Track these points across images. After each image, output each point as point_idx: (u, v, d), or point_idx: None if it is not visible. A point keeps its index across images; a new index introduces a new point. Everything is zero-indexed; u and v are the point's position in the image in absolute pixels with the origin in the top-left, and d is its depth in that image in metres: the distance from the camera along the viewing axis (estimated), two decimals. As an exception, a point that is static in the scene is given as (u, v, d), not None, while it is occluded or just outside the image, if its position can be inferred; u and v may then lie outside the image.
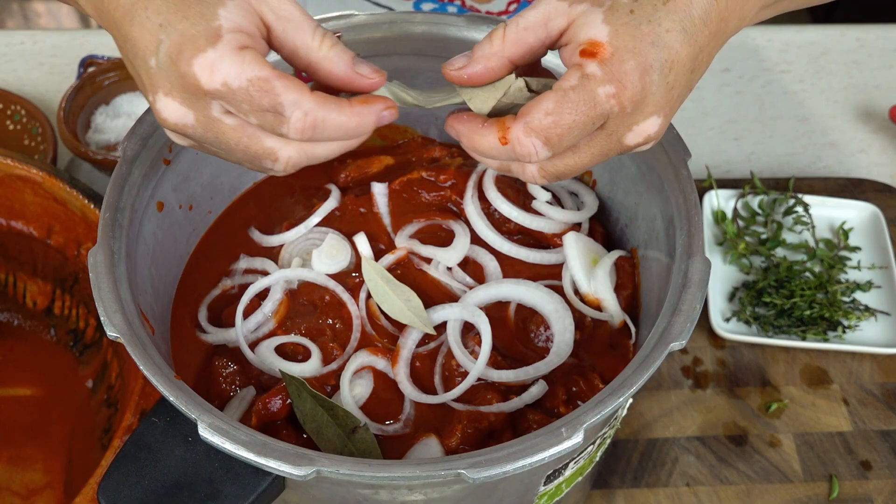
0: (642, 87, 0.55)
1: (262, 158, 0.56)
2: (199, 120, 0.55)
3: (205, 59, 0.53)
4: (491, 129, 0.58)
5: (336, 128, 0.56)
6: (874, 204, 1.11)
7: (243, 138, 0.55)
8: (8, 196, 0.89)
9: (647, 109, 0.56)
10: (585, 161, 0.59)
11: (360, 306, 0.75)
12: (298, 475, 0.56)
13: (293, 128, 0.55)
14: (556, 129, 0.55)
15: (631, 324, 0.76)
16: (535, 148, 0.56)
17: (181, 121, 0.55)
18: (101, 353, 0.93)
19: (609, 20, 0.55)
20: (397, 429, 0.70)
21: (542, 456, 0.57)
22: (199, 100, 0.54)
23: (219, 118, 0.55)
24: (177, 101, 0.54)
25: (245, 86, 0.53)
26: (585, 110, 0.55)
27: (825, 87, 1.31)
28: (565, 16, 0.57)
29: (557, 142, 0.56)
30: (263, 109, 0.54)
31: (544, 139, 0.56)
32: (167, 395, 0.60)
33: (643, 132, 0.57)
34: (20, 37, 1.31)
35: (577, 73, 0.55)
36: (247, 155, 0.56)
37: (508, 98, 0.60)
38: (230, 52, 0.53)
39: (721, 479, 0.93)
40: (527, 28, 0.58)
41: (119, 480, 0.60)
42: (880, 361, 1.02)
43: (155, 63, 0.54)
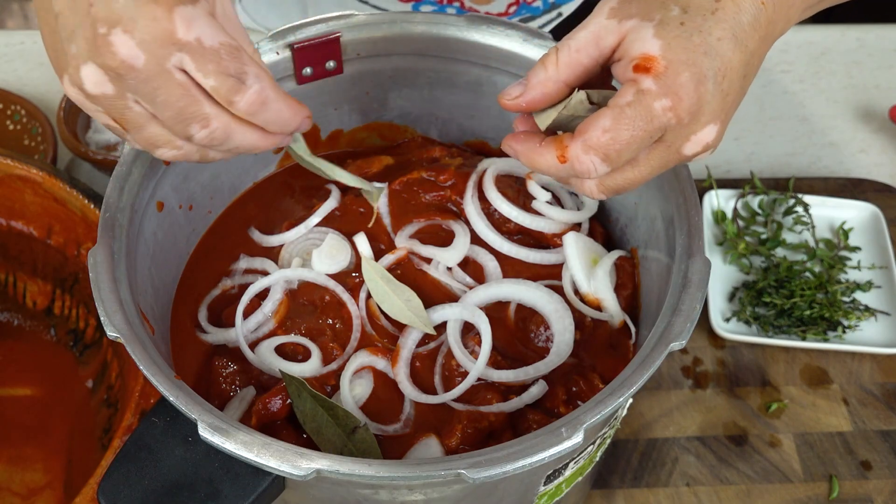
0: (698, 98, 0.55)
1: (192, 122, 0.56)
2: (148, 65, 0.54)
3: (185, 11, 0.53)
4: (549, 148, 0.59)
5: (276, 112, 0.58)
6: (874, 204, 1.11)
7: (185, 97, 0.55)
8: (8, 196, 0.89)
9: (704, 119, 0.56)
10: (645, 174, 0.59)
11: (360, 306, 0.75)
12: (298, 475, 0.56)
13: (247, 98, 0.56)
14: (614, 145, 0.56)
15: (631, 324, 0.76)
16: (594, 165, 0.57)
17: (130, 60, 0.54)
18: (101, 353, 0.93)
19: (660, 34, 0.55)
20: (397, 429, 0.70)
21: (542, 456, 0.57)
22: (161, 47, 0.54)
23: (170, 70, 0.54)
24: (134, 40, 0.53)
25: (217, 47, 0.54)
26: (643, 125, 0.55)
27: (825, 87, 1.31)
28: (616, 33, 0.57)
29: (616, 157, 0.56)
30: (227, 73, 0.55)
31: (603, 156, 0.56)
32: (167, 395, 0.60)
33: (701, 141, 0.58)
34: (20, 37, 1.31)
35: (633, 88, 0.55)
36: (180, 114, 0.56)
37: (569, 111, 0.60)
38: (206, 15, 0.55)
39: (721, 479, 0.93)
40: (578, 50, 0.58)
41: (119, 480, 0.60)
42: (880, 361, 1.02)
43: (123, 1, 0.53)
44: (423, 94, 0.86)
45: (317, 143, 0.88)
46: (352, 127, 0.89)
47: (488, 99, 0.85)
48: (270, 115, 0.58)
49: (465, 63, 0.82)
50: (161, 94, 0.55)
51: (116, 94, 0.56)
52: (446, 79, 0.84)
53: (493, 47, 0.80)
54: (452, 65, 0.83)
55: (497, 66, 0.81)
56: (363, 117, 0.88)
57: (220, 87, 0.55)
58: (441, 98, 0.86)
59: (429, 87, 0.85)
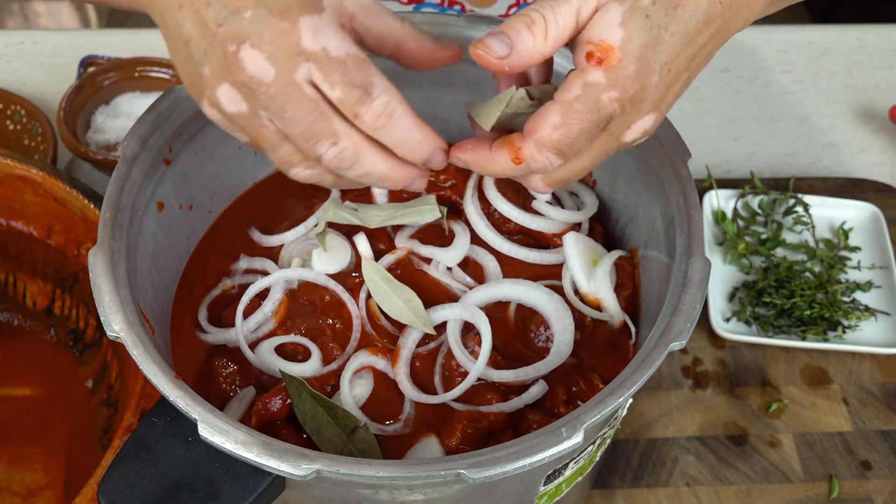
0: (641, 89, 0.56)
1: (322, 138, 0.56)
2: (277, 79, 0.54)
3: (311, 21, 0.53)
4: (501, 152, 0.60)
5: (405, 131, 0.57)
6: (874, 204, 1.11)
7: (314, 112, 0.55)
8: (8, 196, 0.89)
9: (645, 108, 0.58)
10: (587, 163, 0.60)
11: (360, 306, 0.75)
12: (298, 475, 0.56)
13: (373, 110, 0.55)
14: (566, 140, 0.57)
15: (631, 324, 0.76)
16: (549, 160, 0.58)
17: (259, 75, 0.54)
18: (101, 353, 0.93)
19: (625, 23, 0.56)
20: (397, 429, 0.70)
21: (542, 456, 0.57)
22: (289, 59, 0.53)
23: (300, 83, 0.54)
24: (263, 54, 0.53)
25: (343, 57, 0.54)
26: (591, 117, 0.56)
27: (825, 87, 1.31)
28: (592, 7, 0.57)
29: (569, 151, 0.58)
30: (353, 84, 0.54)
31: (556, 151, 0.58)
32: (167, 395, 0.60)
33: (640, 129, 0.59)
34: (20, 37, 1.31)
35: (580, 81, 0.56)
36: (308, 131, 0.55)
37: (511, 108, 0.61)
38: (333, 24, 0.54)
39: (721, 479, 0.93)
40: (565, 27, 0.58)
41: (119, 480, 0.60)
42: (880, 361, 1.02)
43: (251, 15, 0.53)
44: (423, 94, 0.86)
45: (317, 143, 0.88)
46: (352, 127, 0.88)
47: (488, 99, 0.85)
48: (398, 132, 0.57)
49: (465, 63, 0.82)
50: (290, 109, 0.55)
51: (250, 112, 0.56)
52: (446, 79, 0.84)
53: (493, 47, 0.80)
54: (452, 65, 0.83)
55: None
56: (363, 117, 0.88)
57: (346, 99, 0.55)
58: (441, 98, 0.86)
59: (429, 87, 0.85)
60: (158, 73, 1.16)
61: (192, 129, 0.76)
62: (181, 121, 0.75)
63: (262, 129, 0.57)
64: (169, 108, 0.74)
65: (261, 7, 0.53)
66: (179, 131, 0.75)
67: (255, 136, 0.58)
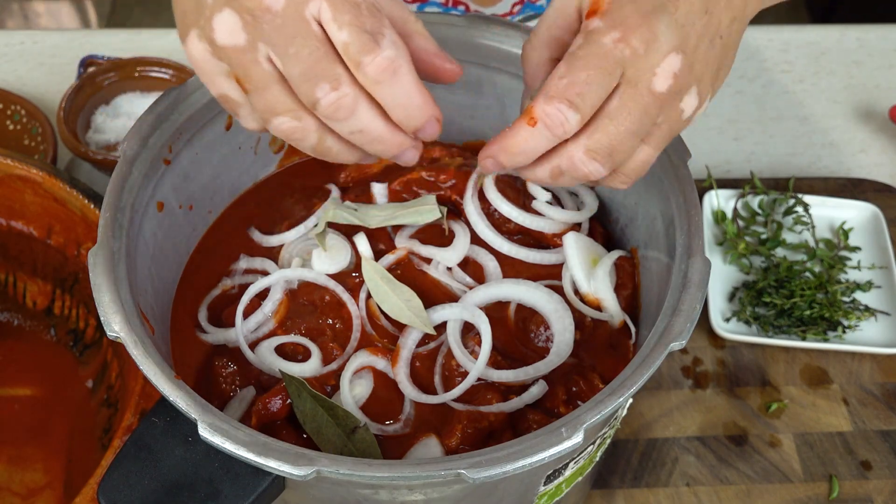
0: (648, 26, 0.54)
1: (323, 80, 0.53)
2: (287, 9, 0.52)
3: None
4: (518, 124, 0.57)
5: (406, 91, 0.54)
6: (874, 204, 1.11)
7: (319, 50, 0.53)
8: (8, 196, 0.89)
9: (662, 47, 0.55)
10: (627, 122, 0.56)
11: (360, 306, 0.75)
12: (298, 475, 0.56)
13: (377, 62, 0.52)
14: (573, 88, 0.54)
15: (631, 324, 0.76)
16: (563, 113, 0.55)
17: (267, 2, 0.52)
18: (101, 353, 0.93)
19: None
20: (397, 429, 0.70)
21: (542, 456, 0.57)
22: None
23: (308, 19, 0.52)
24: None
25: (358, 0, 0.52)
26: (596, 62, 0.54)
27: (825, 87, 1.31)
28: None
29: (580, 101, 0.55)
30: (363, 29, 0.52)
31: (567, 102, 0.55)
32: (167, 395, 0.60)
33: (669, 71, 0.55)
34: (20, 37, 1.31)
35: (582, 34, 0.56)
36: (311, 69, 0.53)
37: None
38: None
39: (721, 479, 0.93)
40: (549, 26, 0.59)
41: (119, 480, 0.60)
42: (880, 361, 1.02)
43: None
44: (423, 94, 0.86)
45: (317, 143, 0.88)
46: (352, 127, 0.88)
47: (488, 99, 0.85)
48: (399, 91, 0.54)
49: (465, 63, 0.82)
50: (294, 44, 0.52)
51: (247, 44, 0.53)
52: (446, 79, 0.84)
53: (493, 47, 0.80)
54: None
55: (497, 65, 0.81)
56: (363, 117, 0.88)
57: (353, 43, 0.52)
58: (441, 98, 0.85)
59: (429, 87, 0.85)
60: (158, 73, 1.16)
61: (192, 129, 0.76)
62: (181, 121, 0.75)
63: (255, 66, 0.54)
64: (169, 108, 0.74)
65: None
66: (179, 131, 0.75)
67: (243, 76, 0.54)
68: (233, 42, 0.53)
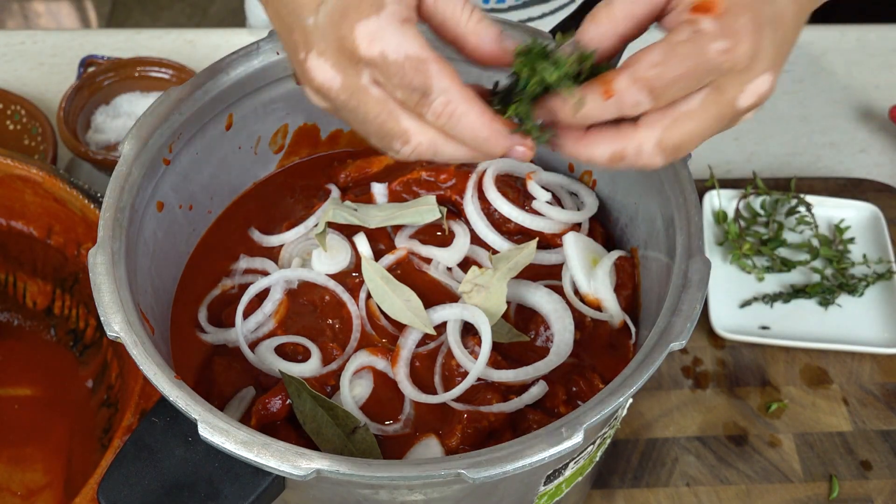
0: (756, 43, 0.53)
1: (394, 138, 0.56)
2: (345, 85, 0.55)
3: (368, 26, 0.53)
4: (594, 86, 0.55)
5: (468, 128, 0.55)
6: (874, 204, 1.11)
7: (382, 113, 0.55)
8: (8, 196, 0.89)
9: (760, 66, 0.54)
10: (702, 126, 0.56)
11: (360, 306, 0.75)
12: (298, 475, 0.56)
13: (433, 110, 0.54)
14: (661, 80, 0.53)
15: (631, 324, 0.76)
16: (640, 98, 0.54)
17: (328, 83, 0.55)
18: (101, 353, 0.93)
19: None
20: (397, 429, 0.70)
21: (542, 456, 0.57)
22: (351, 65, 0.54)
23: (366, 86, 0.54)
24: (328, 63, 0.54)
25: (401, 60, 0.53)
26: (696, 65, 0.53)
27: (825, 87, 1.31)
28: None
29: (662, 94, 0.54)
30: (412, 87, 0.54)
31: (649, 89, 0.54)
32: (167, 395, 0.60)
33: (757, 91, 0.55)
34: (20, 37, 1.31)
35: (689, 28, 0.53)
36: (380, 130, 0.56)
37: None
38: (393, 23, 0.53)
39: (721, 479, 0.93)
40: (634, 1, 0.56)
41: (119, 480, 0.60)
42: (880, 361, 1.02)
43: (313, 22, 0.54)
44: (423, 94, 0.86)
45: (317, 143, 0.88)
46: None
47: (488, 99, 0.85)
48: (462, 128, 0.55)
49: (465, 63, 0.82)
50: (361, 111, 0.55)
51: (333, 109, 0.57)
52: (446, 79, 0.84)
53: (493, 47, 0.80)
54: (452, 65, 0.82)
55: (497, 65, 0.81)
56: (363, 117, 0.88)
57: (407, 100, 0.54)
58: (441, 98, 0.86)
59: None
60: (158, 73, 1.16)
61: (192, 129, 0.76)
62: (181, 121, 0.75)
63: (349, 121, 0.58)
64: (169, 108, 0.74)
65: (321, 12, 0.53)
66: (179, 131, 0.75)
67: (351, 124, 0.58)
68: (325, 106, 0.58)
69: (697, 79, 0.54)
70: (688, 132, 0.56)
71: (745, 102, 0.55)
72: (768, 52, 0.54)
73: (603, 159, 0.57)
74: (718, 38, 0.53)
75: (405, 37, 0.53)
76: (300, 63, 0.56)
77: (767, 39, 0.54)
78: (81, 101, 1.12)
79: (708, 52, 0.53)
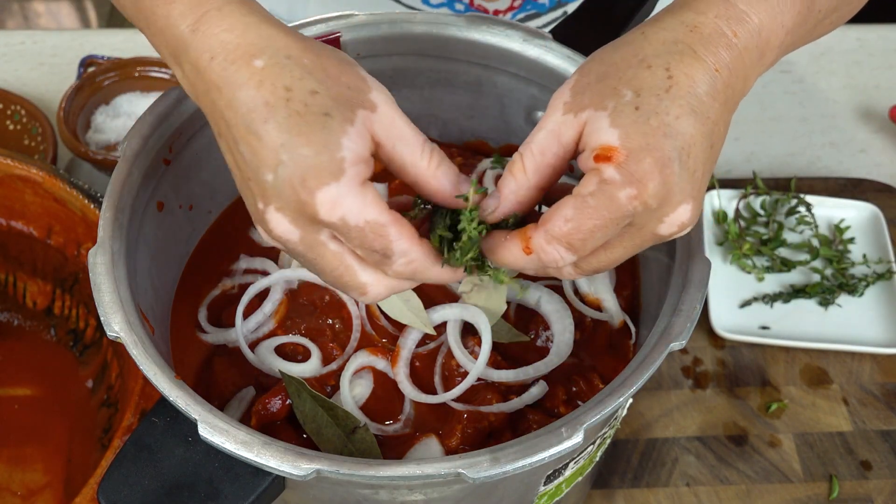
0: (663, 182, 0.53)
1: (351, 289, 0.58)
2: (303, 240, 0.55)
3: (328, 193, 0.52)
4: (514, 242, 0.58)
5: (428, 279, 0.58)
6: (874, 204, 1.11)
7: (340, 267, 0.56)
8: (8, 196, 0.89)
9: (675, 200, 0.54)
10: (618, 255, 0.58)
11: (360, 306, 0.75)
12: (298, 475, 0.56)
13: (395, 271, 0.56)
14: (577, 234, 0.54)
15: (631, 324, 0.76)
16: (559, 254, 0.56)
17: (286, 236, 0.55)
18: (101, 353, 0.93)
19: (616, 122, 0.54)
20: (397, 429, 0.70)
21: (542, 456, 0.57)
22: (310, 224, 0.54)
23: (324, 242, 0.55)
24: (287, 219, 0.54)
25: (362, 225, 0.53)
26: (607, 215, 0.54)
27: (825, 87, 1.31)
28: (573, 126, 0.56)
29: (581, 246, 0.55)
30: (373, 250, 0.55)
31: (566, 245, 0.55)
32: (167, 395, 0.60)
33: (675, 222, 0.56)
34: (20, 37, 1.31)
35: (595, 178, 0.54)
36: (337, 282, 0.57)
37: None
38: (353, 189, 0.53)
39: (721, 479, 0.93)
40: (542, 152, 0.57)
41: (119, 480, 0.60)
42: (880, 361, 1.02)
43: (272, 179, 0.53)
44: (423, 94, 0.86)
45: (317, 143, 0.88)
46: (352, 127, 0.88)
47: (488, 99, 0.85)
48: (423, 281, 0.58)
49: (465, 63, 0.82)
50: (318, 263, 0.56)
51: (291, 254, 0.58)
52: (446, 79, 0.84)
53: (493, 47, 0.80)
54: (452, 65, 0.83)
55: (497, 66, 0.81)
56: (363, 117, 0.88)
57: (368, 258, 0.56)
58: (441, 98, 0.86)
59: (429, 87, 0.85)
60: (158, 73, 1.16)
61: (192, 129, 0.76)
62: (181, 121, 0.75)
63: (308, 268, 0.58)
64: (169, 108, 0.74)
65: (280, 174, 0.52)
66: (179, 131, 0.75)
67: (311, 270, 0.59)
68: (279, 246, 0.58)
69: (614, 225, 0.55)
70: (605, 260, 0.58)
71: (666, 231, 0.56)
72: (681, 184, 0.54)
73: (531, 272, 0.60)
74: (625, 185, 0.53)
75: (365, 202, 0.53)
76: (258, 212, 0.55)
77: (676, 174, 0.53)
78: (81, 101, 1.12)
79: (617, 200, 0.53)
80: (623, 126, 0.53)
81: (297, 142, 0.52)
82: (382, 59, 0.82)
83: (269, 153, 0.52)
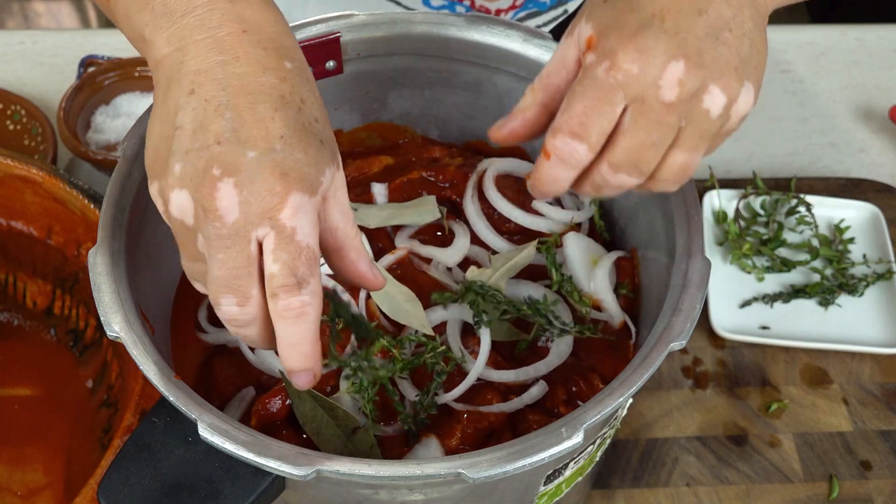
0: (636, 47, 0.55)
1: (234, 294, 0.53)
2: (235, 224, 0.52)
3: (299, 199, 0.51)
4: (540, 156, 0.60)
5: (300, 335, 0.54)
6: (874, 204, 1.11)
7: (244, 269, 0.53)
8: (8, 196, 0.89)
9: (658, 60, 0.55)
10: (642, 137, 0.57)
11: (360, 306, 0.75)
12: (298, 475, 0.56)
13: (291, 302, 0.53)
14: (573, 119, 0.57)
15: (631, 324, 0.76)
16: (569, 144, 0.57)
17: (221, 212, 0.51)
18: (101, 353, 0.93)
19: (591, 17, 0.59)
20: (397, 429, 0.70)
21: (542, 456, 0.57)
22: (258, 216, 0.51)
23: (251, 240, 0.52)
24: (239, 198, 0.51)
25: (303, 246, 0.52)
26: (592, 93, 0.56)
27: (825, 87, 1.31)
28: (574, 47, 0.60)
29: (583, 131, 0.57)
30: (293, 272, 0.52)
31: (570, 133, 0.57)
32: (167, 395, 0.60)
33: (672, 79, 0.55)
34: (20, 37, 1.31)
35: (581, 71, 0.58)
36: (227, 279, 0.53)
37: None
38: (312, 211, 0.53)
39: (721, 479, 0.93)
40: (549, 74, 0.61)
41: (119, 480, 0.60)
42: (880, 361, 1.02)
43: (253, 157, 0.51)
44: (423, 94, 0.86)
45: (317, 143, 0.88)
46: (352, 127, 0.89)
47: (488, 99, 0.85)
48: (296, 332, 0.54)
49: (465, 63, 0.82)
50: (225, 253, 0.52)
51: (191, 228, 0.54)
52: (446, 79, 0.84)
53: (493, 47, 0.80)
54: (452, 65, 0.83)
55: (497, 66, 0.81)
56: (363, 117, 0.88)
57: (278, 278, 0.52)
58: (441, 98, 0.86)
59: (429, 87, 0.85)
60: (158, 73, 1.16)
61: (192, 129, 0.76)
62: (181, 121, 0.75)
63: (190, 246, 0.55)
64: (169, 108, 0.74)
65: (265, 157, 0.51)
66: (179, 131, 0.75)
67: (179, 241, 0.56)
68: (180, 219, 0.54)
69: (604, 102, 0.56)
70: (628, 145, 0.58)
71: (669, 94, 0.56)
72: (659, 45, 0.55)
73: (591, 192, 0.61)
74: (600, 62, 0.57)
75: (314, 229, 0.53)
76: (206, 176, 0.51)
77: (651, 37, 0.55)
78: (81, 101, 1.12)
79: (597, 78, 0.56)
80: (595, 17, 0.58)
81: (297, 145, 0.52)
82: (382, 59, 0.83)
83: (264, 135, 0.51)
